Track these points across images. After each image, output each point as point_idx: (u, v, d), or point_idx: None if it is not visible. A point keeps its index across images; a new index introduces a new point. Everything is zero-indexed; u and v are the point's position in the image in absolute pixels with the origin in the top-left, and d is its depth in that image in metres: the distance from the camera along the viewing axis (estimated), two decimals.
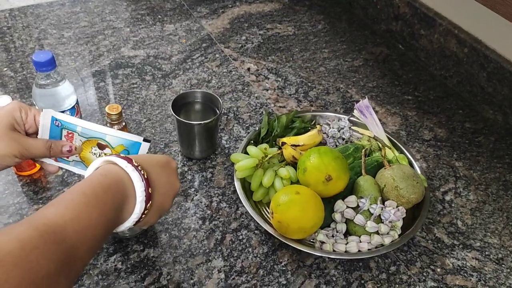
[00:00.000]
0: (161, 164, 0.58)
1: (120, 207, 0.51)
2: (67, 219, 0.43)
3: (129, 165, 0.52)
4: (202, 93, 0.86)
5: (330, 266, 0.72)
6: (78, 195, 0.47)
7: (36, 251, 0.39)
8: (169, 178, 0.59)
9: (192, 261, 0.71)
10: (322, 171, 0.72)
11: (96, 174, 0.51)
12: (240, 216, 0.78)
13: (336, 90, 1.06)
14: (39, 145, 0.62)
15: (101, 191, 0.49)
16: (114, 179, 0.51)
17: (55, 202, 0.46)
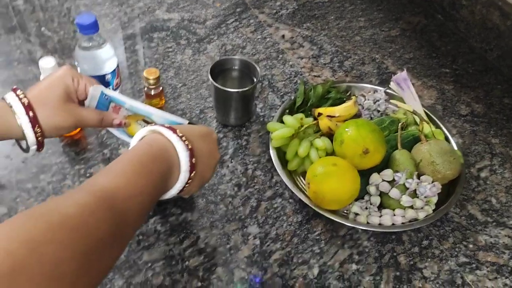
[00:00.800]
0: (202, 135, 0.59)
1: (166, 176, 0.52)
2: (117, 186, 0.45)
3: (174, 135, 0.53)
4: (239, 61, 0.86)
5: (363, 237, 0.73)
6: (126, 164, 0.49)
7: (93, 216, 0.41)
8: (210, 149, 0.60)
9: (228, 227, 0.73)
10: (360, 143, 0.72)
11: (143, 144, 0.53)
12: (274, 185, 0.79)
13: (371, 60, 1.05)
14: (92, 117, 0.64)
15: (147, 160, 0.50)
16: (159, 148, 0.52)
17: (106, 170, 0.48)
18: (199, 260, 0.68)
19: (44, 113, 0.59)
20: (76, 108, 0.62)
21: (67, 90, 0.61)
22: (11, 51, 0.97)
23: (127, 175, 0.47)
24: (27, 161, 0.78)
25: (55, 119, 0.60)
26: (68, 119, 0.61)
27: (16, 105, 0.57)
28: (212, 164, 0.61)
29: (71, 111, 0.61)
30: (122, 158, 0.50)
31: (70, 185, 0.75)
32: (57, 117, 0.60)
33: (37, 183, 0.75)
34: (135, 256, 0.68)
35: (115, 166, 0.48)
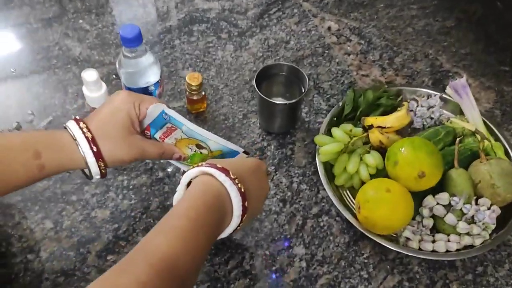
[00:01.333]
0: (252, 170, 0.57)
1: (220, 224, 0.51)
2: (178, 251, 0.45)
3: (227, 179, 0.52)
4: (287, 67, 0.81)
5: (413, 262, 0.70)
6: (184, 220, 0.48)
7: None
8: (260, 184, 0.58)
9: (274, 247, 0.71)
10: (415, 167, 0.68)
11: (197, 192, 0.51)
12: (321, 200, 0.76)
13: (424, 56, 0.98)
14: (153, 151, 0.62)
15: (204, 212, 0.49)
16: (214, 196, 0.51)
17: (163, 229, 0.47)
18: (245, 283, 0.67)
19: (107, 147, 0.57)
20: (138, 141, 0.60)
21: (130, 121, 0.59)
22: (49, 47, 0.94)
23: (187, 235, 0.46)
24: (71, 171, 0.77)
25: (118, 153, 0.59)
26: (130, 153, 0.59)
27: (80, 139, 0.56)
28: (262, 199, 0.60)
29: (134, 145, 0.59)
30: (178, 213, 0.49)
31: (114, 198, 0.74)
32: (119, 151, 0.59)
33: (82, 195, 0.75)
34: None
35: (173, 224, 0.48)
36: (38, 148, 0.55)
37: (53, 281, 0.66)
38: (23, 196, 0.74)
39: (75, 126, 0.57)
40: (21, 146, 0.55)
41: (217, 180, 0.52)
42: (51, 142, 0.56)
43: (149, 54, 0.72)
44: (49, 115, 0.84)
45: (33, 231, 0.71)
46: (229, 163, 0.55)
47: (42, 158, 0.55)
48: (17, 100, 0.86)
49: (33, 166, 0.55)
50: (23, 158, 0.54)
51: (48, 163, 0.56)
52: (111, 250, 0.69)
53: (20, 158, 0.54)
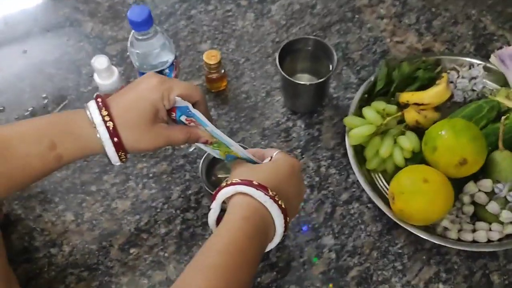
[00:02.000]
0: (288, 176, 0.53)
1: (263, 248, 0.49)
2: None
3: (268, 199, 0.48)
4: (313, 41, 0.74)
5: (451, 251, 0.66)
6: (225, 257, 0.44)
7: None
8: (298, 188, 0.54)
9: (302, 237, 0.68)
10: (456, 153, 0.62)
11: (237, 220, 0.48)
12: (351, 186, 0.72)
13: (466, 18, 0.88)
14: (179, 138, 0.56)
15: (247, 245, 0.46)
16: (256, 221, 0.48)
17: (202, 268, 0.44)
18: (271, 276, 0.65)
19: (130, 138, 0.53)
20: (163, 130, 0.55)
21: (155, 111, 0.53)
22: (59, 23, 0.89)
23: (227, 274, 0.43)
24: (89, 159, 0.74)
25: (141, 144, 0.54)
26: (154, 142, 0.55)
27: (101, 128, 0.52)
28: (300, 202, 0.57)
29: (158, 134, 0.55)
30: (216, 248, 0.45)
31: (134, 187, 0.72)
32: (143, 142, 0.54)
33: (101, 185, 0.72)
34: None
35: (210, 262, 0.44)
36: (53, 139, 0.51)
37: (78, 276, 0.65)
38: (42, 187, 0.72)
39: (96, 112, 0.52)
40: (35, 138, 0.52)
41: (256, 200, 0.48)
42: (67, 131, 0.53)
43: (160, 35, 0.66)
44: (63, 98, 0.80)
45: (54, 224, 0.69)
46: (264, 174, 0.51)
47: (58, 149, 0.52)
48: (31, 83, 0.82)
49: (50, 158, 0.52)
50: (38, 150, 0.51)
51: (66, 153, 0.52)
52: (133, 243, 0.67)
53: (35, 151, 0.51)
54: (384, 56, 0.84)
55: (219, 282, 0.42)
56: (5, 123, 0.78)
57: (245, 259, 0.45)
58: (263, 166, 0.55)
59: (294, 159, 0.56)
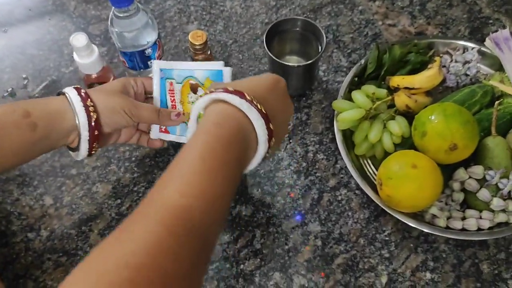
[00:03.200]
0: (270, 89, 0.49)
1: (243, 158, 0.44)
2: (193, 202, 0.37)
3: (244, 102, 0.44)
4: (302, 21, 0.71)
5: (440, 239, 0.64)
6: (197, 162, 0.40)
7: (171, 252, 0.34)
8: (283, 103, 0.50)
9: (287, 224, 0.66)
10: (447, 138, 0.60)
11: (210, 126, 0.43)
12: (339, 172, 0.70)
13: (461, 1, 0.85)
14: (149, 107, 0.58)
15: (221, 149, 0.41)
16: (231, 126, 0.43)
17: (173, 176, 0.39)
18: (255, 263, 0.63)
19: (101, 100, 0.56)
20: (133, 100, 0.58)
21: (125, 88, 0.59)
22: (41, 2, 0.86)
23: (201, 178, 0.39)
24: None
25: (114, 119, 0.56)
26: (122, 101, 0.56)
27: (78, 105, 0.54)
28: (288, 119, 0.53)
29: (127, 98, 0.58)
30: (189, 154, 0.41)
31: (116, 171, 0.69)
32: (112, 98, 0.56)
33: (82, 168, 0.70)
34: None
35: (184, 169, 0.40)
36: (27, 108, 0.52)
37: (55, 261, 0.63)
38: (21, 170, 0.70)
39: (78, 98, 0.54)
40: (9, 108, 0.53)
41: (232, 106, 0.44)
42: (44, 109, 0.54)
43: (142, 13, 0.64)
44: (44, 79, 0.78)
45: (32, 208, 0.67)
46: (242, 85, 0.46)
47: (32, 117, 0.52)
48: (11, 63, 0.80)
49: (24, 125, 0.52)
50: (12, 118, 0.51)
51: (40, 123, 0.52)
52: (114, 228, 0.64)
53: (10, 119, 0.51)
54: (375, 39, 0.81)
55: (193, 189, 0.38)
56: None
57: (221, 166, 0.40)
58: (242, 80, 0.51)
59: (280, 77, 0.52)
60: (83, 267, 0.34)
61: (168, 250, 0.34)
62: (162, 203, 0.37)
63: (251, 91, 0.45)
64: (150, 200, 0.38)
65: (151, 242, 0.34)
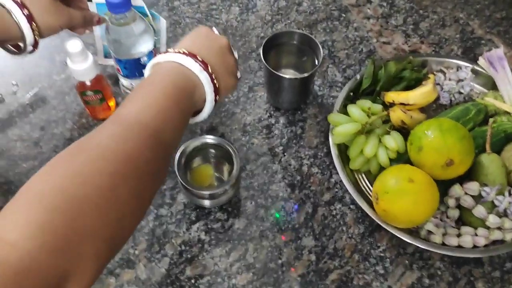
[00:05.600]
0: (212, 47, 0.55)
1: (191, 102, 0.50)
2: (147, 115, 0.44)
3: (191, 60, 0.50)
4: (299, 35, 0.71)
5: (435, 256, 0.64)
6: (150, 90, 0.47)
7: (129, 143, 0.41)
8: (224, 59, 0.55)
9: (280, 238, 0.64)
10: (443, 154, 0.59)
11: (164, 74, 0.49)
12: (333, 186, 0.69)
13: (454, 21, 0.87)
14: (77, 15, 0.64)
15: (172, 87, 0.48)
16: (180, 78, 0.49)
17: (130, 99, 0.46)
18: (248, 278, 0.61)
19: (38, 12, 0.59)
20: (64, 8, 0.62)
21: None
22: None
23: (153, 99, 0.46)
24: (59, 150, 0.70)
25: (48, 19, 0.61)
26: (59, 18, 0.62)
27: (10, 4, 0.57)
28: (232, 73, 0.57)
29: (62, 11, 0.62)
30: (140, 86, 0.48)
31: None
32: (50, 17, 0.61)
33: None
34: (177, 270, 0.61)
35: (137, 94, 0.47)
36: None
37: None
38: (6, 178, 0.67)
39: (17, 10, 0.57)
40: None
41: (171, 61, 0.50)
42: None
43: (139, 21, 0.63)
44: (34, 86, 0.76)
45: None
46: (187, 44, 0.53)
47: None
48: (0, 69, 0.78)
49: None
50: None
51: None
52: None
53: None
54: (370, 56, 0.82)
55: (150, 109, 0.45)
56: None
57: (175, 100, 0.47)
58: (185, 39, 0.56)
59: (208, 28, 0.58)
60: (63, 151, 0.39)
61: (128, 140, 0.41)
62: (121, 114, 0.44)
63: (195, 48, 0.52)
64: (114, 114, 0.44)
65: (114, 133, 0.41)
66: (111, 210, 0.37)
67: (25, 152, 0.70)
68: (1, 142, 0.71)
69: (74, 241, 0.34)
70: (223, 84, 0.55)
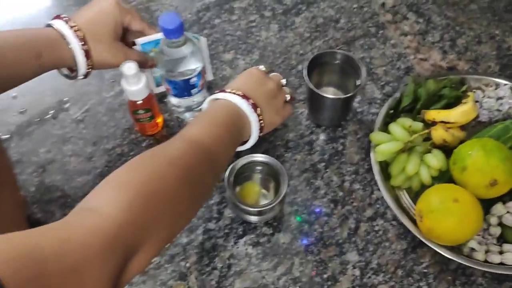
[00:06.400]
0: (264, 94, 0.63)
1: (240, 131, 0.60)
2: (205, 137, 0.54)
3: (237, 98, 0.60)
4: (342, 56, 0.73)
5: (477, 272, 0.65)
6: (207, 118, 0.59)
7: (193, 157, 0.51)
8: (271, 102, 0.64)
9: (325, 252, 0.67)
10: (487, 174, 0.61)
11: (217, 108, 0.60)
12: (375, 202, 0.71)
13: (489, 38, 0.88)
14: (133, 57, 0.68)
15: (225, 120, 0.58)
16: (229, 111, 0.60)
17: (192, 124, 0.57)
18: None
19: (96, 48, 0.64)
20: (123, 47, 0.67)
21: (117, 24, 0.65)
22: None
23: (211, 127, 0.56)
24: (111, 165, 0.74)
25: (106, 57, 0.65)
26: (116, 55, 0.66)
27: (71, 37, 0.62)
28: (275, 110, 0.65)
29: (119, 49, 0.66)
30: (202, 115, 0.60)
31: None
32: (106, 53, 0.65)
33: None
34: (227, 283, 0.64)
35: (198, 121, 0.58)
36: (40, 49, 0.60)
37: None
38: (63, 192, 0.71)
39: (63, 24, 0.62)
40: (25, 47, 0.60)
41: (229, 101, 0.60)
42: (50, 42, 0.61)
43: (189, 43, 0.66)
44: (85, 103, 0.80)
45: None
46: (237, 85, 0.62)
47: (42, 58, 0.60)
48: (52, 87, 0.82)
49: (35, 66, 0.61)
50: (27, 58, 0.60)
51: (46, 62, 0.61)
52: None
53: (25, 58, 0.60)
54: (408, 73, 0.84)
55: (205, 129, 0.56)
56: (27, 125, 0.77)
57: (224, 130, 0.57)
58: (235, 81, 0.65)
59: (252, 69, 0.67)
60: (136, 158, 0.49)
61: (192, 155, 0.51)
62: (185, 134, 0.55)
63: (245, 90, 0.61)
64: (179, 134, 0.55)
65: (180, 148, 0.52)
66: (174, 205, 0.47)
67: (79, 167, 0.73)
68: (57, 157, 0.74)
69: (148, 223, 0.43)
70: (268, 122, 0.64)
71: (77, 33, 0.62)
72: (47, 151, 0.75)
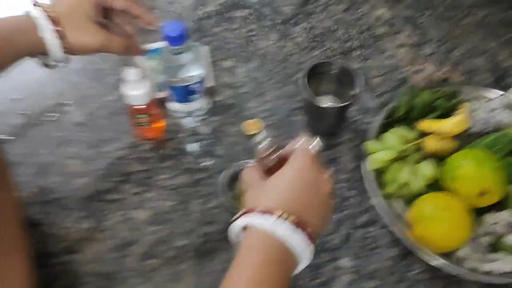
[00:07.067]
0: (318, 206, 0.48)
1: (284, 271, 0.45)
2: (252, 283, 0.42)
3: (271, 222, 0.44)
4: (339, 65, 0.75)
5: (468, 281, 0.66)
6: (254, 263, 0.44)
7: None
8: (325, 215, 0.50)
9: (319, 258, 0.68)
10: (477, 184, 0.63)
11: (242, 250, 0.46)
12: (369, 209, 0.72)
13: (483, 51, 0.90)
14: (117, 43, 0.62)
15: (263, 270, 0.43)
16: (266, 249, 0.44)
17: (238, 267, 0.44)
18: None
19: (72, 29, 0.59)
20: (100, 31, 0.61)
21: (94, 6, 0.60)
22: None
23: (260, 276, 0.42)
24: (109, 168, 0.75)
25: (80, 38, 0.60)
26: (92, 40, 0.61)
27: (41, 19, 0.58)
28: (326, 222, 0.50)
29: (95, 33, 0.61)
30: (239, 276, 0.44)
31: (154, 198, 0.72)
32: (81, 37, 0.60)
33: (121, 194, 0.72)
34: None
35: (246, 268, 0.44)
36: (10, 35, 0.58)
37: (94, 284, 0.65)
38: (62, 194, 0.72)
39: (36, 9, 0.58)
40: None
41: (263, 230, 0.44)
42: (22, 27, 0.58)
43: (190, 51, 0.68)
44: (87, 106, 0.81)
45: (72, 231, 0.69)
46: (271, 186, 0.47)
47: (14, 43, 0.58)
48: (55, 90, 0.83)
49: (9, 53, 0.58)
50: None
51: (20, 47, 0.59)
52: (151, 254, 0.67)
53: None
54: (403, 84, 0.85)
55: None
56: (28, 127, 0.79)
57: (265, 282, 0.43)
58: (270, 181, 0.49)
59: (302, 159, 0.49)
60: None
61: None
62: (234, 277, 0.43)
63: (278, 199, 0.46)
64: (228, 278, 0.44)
65: None
66: None
67: (79, 169, 0.75)
68: (57, 159, 0.76)
69: None
70: (318, 237, 0.48)
71: (49, 14, 0.58)
72: (48, 153, 0.76)
